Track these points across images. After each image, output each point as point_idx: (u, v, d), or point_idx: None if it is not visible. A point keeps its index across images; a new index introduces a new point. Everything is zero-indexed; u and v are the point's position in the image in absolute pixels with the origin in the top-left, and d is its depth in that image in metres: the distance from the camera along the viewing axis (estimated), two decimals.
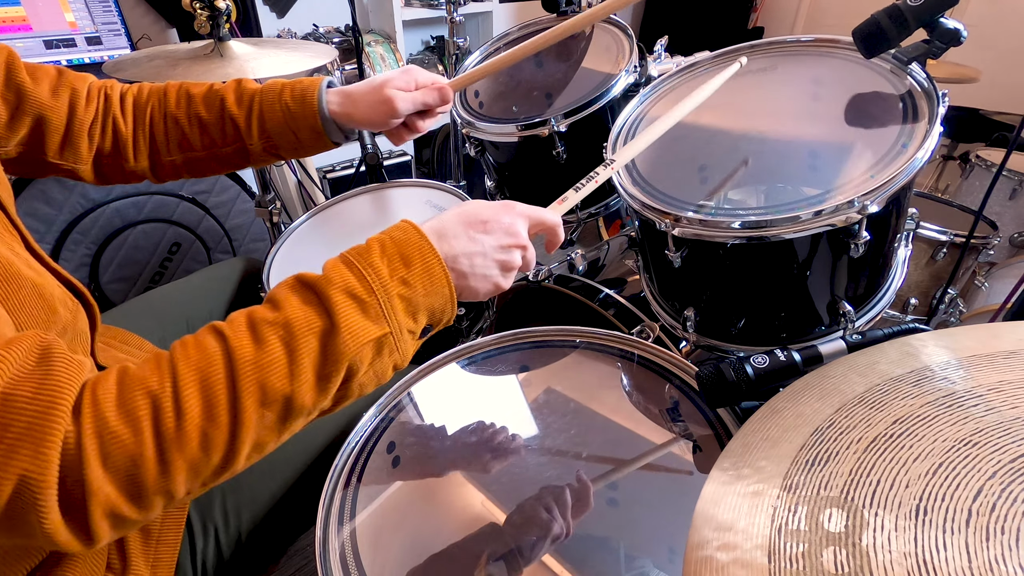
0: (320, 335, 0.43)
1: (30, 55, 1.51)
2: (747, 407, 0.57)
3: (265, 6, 1.99)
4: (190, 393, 0.39)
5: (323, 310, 0.44)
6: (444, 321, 0.52)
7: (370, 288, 0.45)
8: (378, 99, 0.72)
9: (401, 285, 0.47)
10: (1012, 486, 0.29)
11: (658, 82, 0.96)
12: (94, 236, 1.43)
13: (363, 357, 0.45)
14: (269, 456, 0.67)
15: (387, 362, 0.47)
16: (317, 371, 0.43)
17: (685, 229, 0.70)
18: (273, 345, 0.42)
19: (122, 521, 0.39)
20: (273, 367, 0.41)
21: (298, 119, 0.72)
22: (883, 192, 0.63)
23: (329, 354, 0.43)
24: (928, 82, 0.71)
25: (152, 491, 0.39)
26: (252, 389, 0.40)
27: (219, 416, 0.40)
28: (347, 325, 0.43)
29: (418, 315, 0.48)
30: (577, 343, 0.76)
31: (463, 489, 0.60)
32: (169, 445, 0.38)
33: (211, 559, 0.62)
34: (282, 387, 0.41)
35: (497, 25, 2.56)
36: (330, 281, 0.45)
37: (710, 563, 0.31)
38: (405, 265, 0.47)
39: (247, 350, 0.41)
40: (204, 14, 1.03)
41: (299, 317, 0.43)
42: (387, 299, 0.46)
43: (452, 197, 1.12)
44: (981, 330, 0.42)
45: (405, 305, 0.47)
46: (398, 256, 0.48)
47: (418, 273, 0.48)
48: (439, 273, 0.48)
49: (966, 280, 1.39)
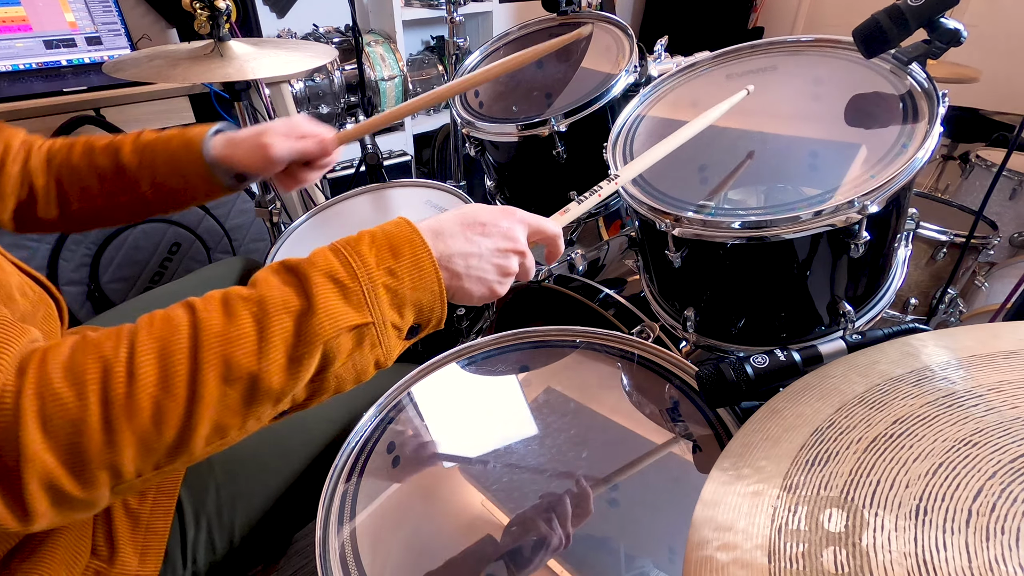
0: (296, 315, 0.41)
1: (30, 55, 1.51)
2: (747, 407, 0.57)
3: (265, 6, 1.99)
4: (146, 360, 0.37)
5: (302, 291, 0.42)
6: (434, 322, 0.50)
7: (354, 274, 0.44)
8: (256, 144, 0.72)
9: (387, 275, 0.45)
10: (1012, 486, 0.29)
11: (658, 82, 0.96)
12: (94, 236, 1.43)
13: (341, 345, 0.43)
14: (268, 454, 0.68)
15: (368, 356, 0.45)
16: (288, 352, 0.41)
17: (685, 229, 0.70)
18: (243, 320, 0.40)
19: (62, 497, 0.36)
20: (241, 341, 0.39)
21: (184, 164, 0.73)
22: (883, 192, 0.63)
23: (303, 335, 0.41)
24: (928, 82, 0.71)
25: (96, 463, 0.36)
26: (215, 362, 0.38)
27: (175, 387, 0.37)
28: (325, 307, 0.42)
29: (404, 309, 0.46)
30: (577, 343, 0.76)
31: (463, 489, 0.60)
32: (117, 413, 0.36)
33: (203, 550, 0.62)
34: (248, 364, 0.39)
35: (497, 25, 2.56)
36: (313, 263, 0.44)
37: (710, 563, 0.31)
38: (393, 256, 0.46)
39: (215, 322, 0.40)
40: (204, 14, 1.03)
41: (275, 296, 0.42)
42: (371, 287, 0.44)
43: (452, 197, 1.12)
44: (981, 330, 0.42)
45: (391, 296, 0.45)
46: (387, 247, 0.46)
47: (406, 265, 0.46)
48: (429, 268, 0.47)
49: (966, 280, 1.39)
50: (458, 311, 0.96)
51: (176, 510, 0.61)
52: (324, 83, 2.02)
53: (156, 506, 0.58)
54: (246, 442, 0.68)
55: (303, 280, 0.43)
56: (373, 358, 0.46)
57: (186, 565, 0.61)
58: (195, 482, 0.63)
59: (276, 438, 0.70)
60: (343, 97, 2.08)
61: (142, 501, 0.58)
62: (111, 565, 0.55)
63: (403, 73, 2.18)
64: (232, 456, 0.66)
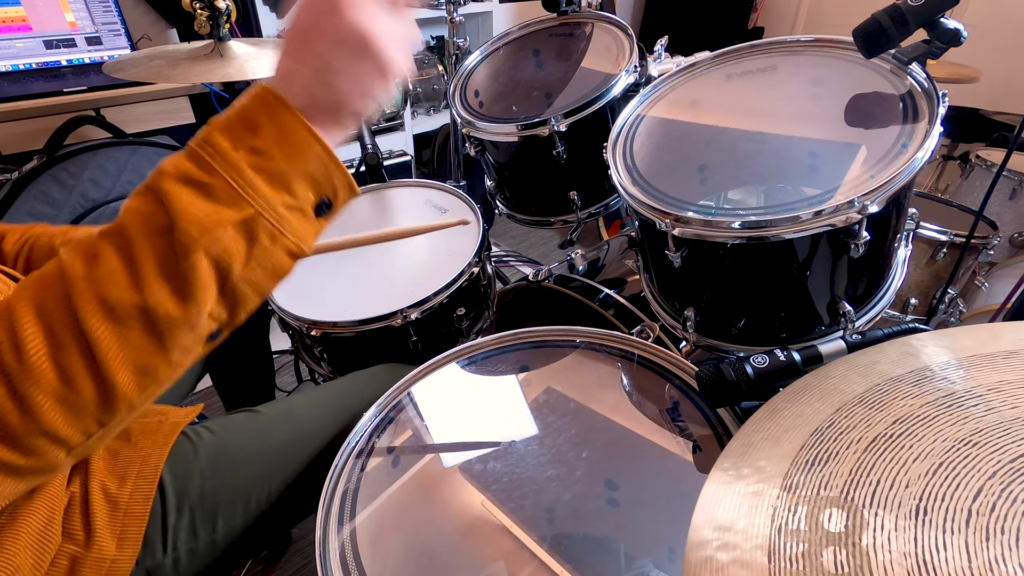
0: (159, 232, 0.38)
1: (30, 55, 1.51)
2: (747, 407, 0.57)
3: (265, 6, 1.99)
4: (27, 323, 0.37)
5: (159, 205, 0.39)
6: (341, 188, 0.44)
7: (211, 167, 0.39)
8: None
9: (251, 155, 0.40)
10: (1012, 486, 0.29)
11: (658, 82, 0.96)
12: None
13: (228, 248, 0.39)
14: (258, 448, 0.68)
15: (273, 249, 0.41)
16: (167, 274, 0.38)
17: (685, 229, 0.70)
18: (107, 256, 0.38)
19: (14, 469, 0.38)
20: (111, 279, 0.38)
21: None
22: (883, 192, 0.63)
23: (175, 250, 0.38)
24: (928, 82, 0.71)
25: (25, 434, 0.37)
26: (93, 306, 0.37)
27: (65, 342, 0.37)
28: (186, 213, 0.38)
29: (292, 185, 0.41)
30: (577, 343, 0.76)
31: (463, 489, 0.59)
32: (19, 381, 0.36)
33: (184, 536, 0.62)
34: (129, 298, 0.38)
35: (497, 25, 2.56)
36: (162, 172, 0.40)
37: (710, 563, 0.31)
38: (251, 132, 0.40)
39: (79, 266, 0.38)
40: (204, 14, 1.03)
41: (135, 220, 0.39)
42: (238, 174, 0.39)
43: (452, 197, 1.12)
44: (981, 330, 0.42)
45: (266, 178, 0.40)
46: (242, 124, 0.41)
47: (269, 136, 0.40)
48: (297, 129, 0.41)
49: (966, 280, 1.39)
50: (458, 311, 0.96)
51: (159, 494, 0.61)
52: None
53: (136, 491, 0.58)
54: (234, 434, 0.68)
55: (158, 193, 0.39)
56: (281, 249, 0.42)
57: (166, 551, 0.60)
58: (180, 467, 0.63)
59: (269, 435, 0.70)
60: None
61: (121, 486, 0.58)
62: (87, 550, 0.55)
63: None
64: (217, 445, 0.67)
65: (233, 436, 0.68)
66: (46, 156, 1.33)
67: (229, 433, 0.68)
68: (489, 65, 1.24)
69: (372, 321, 0.88)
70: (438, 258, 0.99)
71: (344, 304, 0.91)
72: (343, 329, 0.89)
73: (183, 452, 0.65)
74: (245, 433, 0.69)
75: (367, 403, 0.69)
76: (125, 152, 1.43)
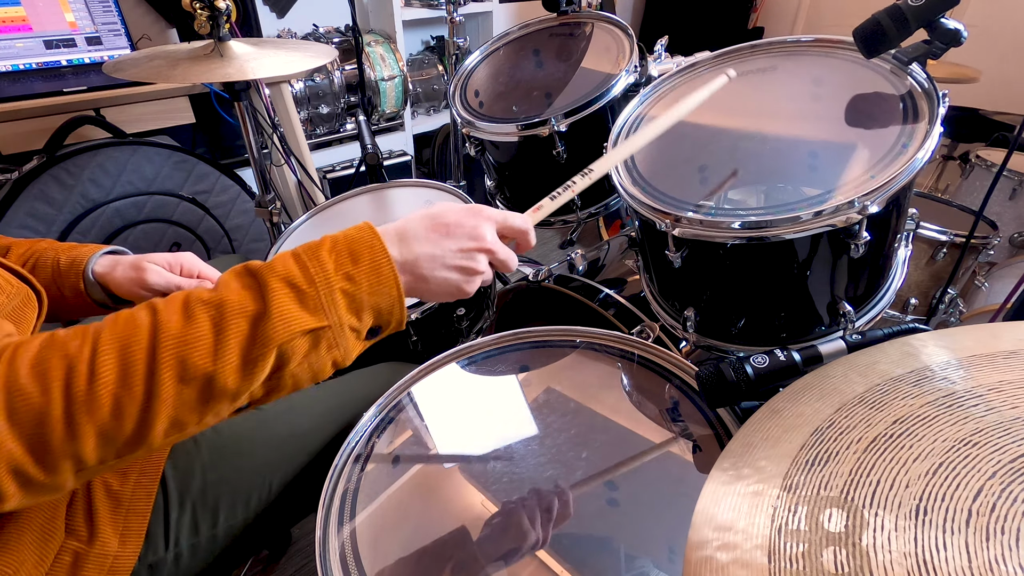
0: (251, 318, 0.43)
1: (30, 55, 1.51)
2: (747, 407, 0.57)
3: (265, 6, 1.99)
4: (107, 359, 0.39)
5: (259, 295, 0.44)
6: (393, 324, 0.51)
7: (311, 279, 0.45)
8: (134, 266, 0.73)
9: (345, 280, 0.46)
10: (1012, 486, 0.29)
11: (658, 82, 0.96)
12: (94, 236, 1.43)
13: (296, 347, 0.44)
14: (267, 449, 0.68)
15: (325, 357, 0.47)
16: (243, 354, 0.43)
17: (685, 229, 0.70)
18: (201, 322, 0.42)
19: (29, 482, 0.39)
20: (197, 343, 0.41)
21: (64, 276, 0.72)
22: (883, 192, 0.63)
23: (258, 338, 0.43)
24: (928, 82, 0.71)
25: (59, 453, 0.39)
26: (172, 362, 0.41)
27: (134, 385, 0.40)
28: (280, 311, 0.43)
29: (362, 313, 0.48)
30: (577, 343, 0.76)
31: (463, 489, 0.60)
32: (78, 408, 0.38)
33: (186, 531, 0.62)
34: (204, 364, 0.41)
35: (497, 25, 2.56)
36: (272, 269, 0.45)
37: (710, 563, 0.31)
38: (353, 261, 0.47)
39: (174, 324, 0.42)
40: (204, 14, 1.03)
41: (234, 300, 0.43)
42: (328, 292, 0.46)
43: (452, 197, 1.12)
44: (981, 330, 0.42)
45: (348, 301, 0.47)
46: (347, 252, 0.48)
47: (365, 270, 0.47)
48: (387, 273, 0.48)
49: (966, 280, 1.39)
50: (458, 311, 0.96)
51: (161, 489, 0.61)
52: (324, 83, 2.02)
53: (138, 487, 0.59)
54: (234, 430, 0.68)
55: (261, 284, 0.44)
56: (330, 359, 0.47)
57: (168, 546, 0.61)
58: (182, 462, 0.64)
59: (270, 431, 0.70)
60: (343, 97, 2.08)
61: (124, 482, 0.59)
62: (90, 545, 0.55)
63: (403, 73, 2.18)
64: (219, 441, 0.67)
65: (234, 432, 0.68)
66: (46, 156, 1.33)
67: (230, 429, 0.68)
68: (489, 65, 1.24)
69: None
70: None
71: None
72: None
73: (185, 447, 0.65)
74: (246, 430, 0.69)
75: (367, 402, 0.69)
76: (125, 152, 1.43)
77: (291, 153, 1.70)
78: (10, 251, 0.74)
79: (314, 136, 2.10)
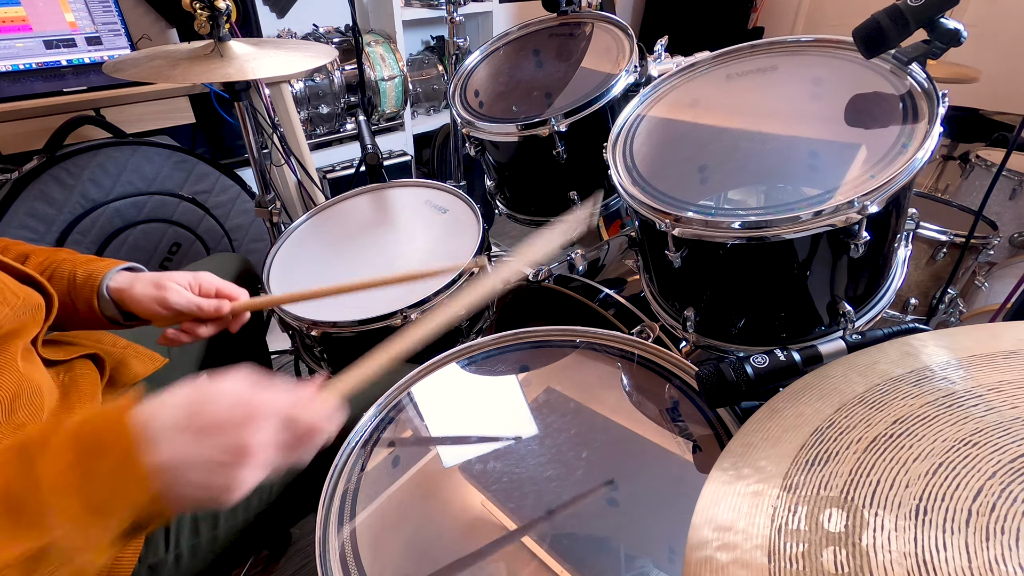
0: None
1: (30, 55, 1.51)
2: (747, 407, 0.57)
3: (265, 6, 1.99)
4: None
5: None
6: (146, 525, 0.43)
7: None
8: (155, 284, 0.71)
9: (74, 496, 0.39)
10: (1012, 486, 0.29)
11: (658, 82, 0.96)
12: (94, 236, 1.43)
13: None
14: None
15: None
16: None
17: (685, 229, 0.70)
18: None
19: None
20: None
21: (79, 291, 0.70)
22: (883, 192, 0.63)
23: None
24: (928, 82, 0.71)
25: None
26: None
27: None
28: None
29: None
30: (577, 343, 0.76)
31: (463, 489, 0.59)
32: None
33: (186, 533, 0.62)
34: None
35: (497, 25, 2.56)
36: None
37: (710, 563, 0.31)
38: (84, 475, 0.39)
39: None
40: (204, 14, 1.03)
41: None
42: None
43: (452, 197, 1.12)
44: (981, 330, 0.42)
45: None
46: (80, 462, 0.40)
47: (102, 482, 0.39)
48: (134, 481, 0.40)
49: (966, 280, 1.39)
50: None
51: None
52: (324, 83, 2.02)
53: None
54: None
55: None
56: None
57: (168, 547, 0.61)
58: None
59: None
60: (343, 97, 2.08)
61: None
62: None
63: (403, 73, 2.18)
64: None
65: None
66: (46, 156, 1.33)
67: None
68: (489, 65, 1.24)
69: (372, 321, 0.88)
70: (438, 258, 0.99)
71: (344, 304, 0.91)
72: (343, 329, 0.89)
73: None
74: None
75: (367, 402, 0.69)
76: (125, 152, 1.43)
77: (291, 153, 1.70)
78: (29, 258, 0.73)
79: (314, 136, 2.10)
